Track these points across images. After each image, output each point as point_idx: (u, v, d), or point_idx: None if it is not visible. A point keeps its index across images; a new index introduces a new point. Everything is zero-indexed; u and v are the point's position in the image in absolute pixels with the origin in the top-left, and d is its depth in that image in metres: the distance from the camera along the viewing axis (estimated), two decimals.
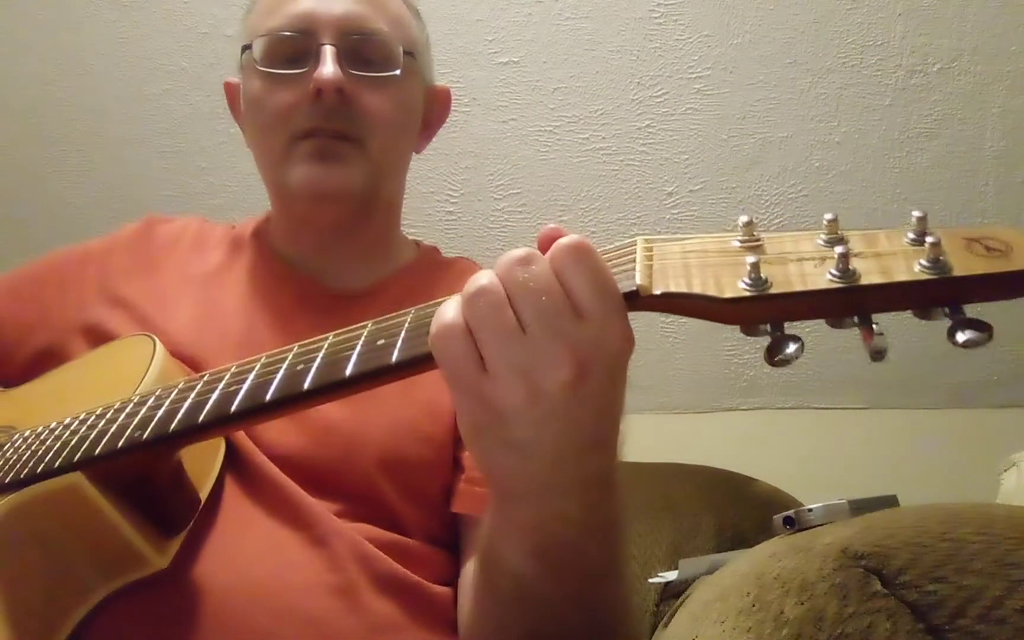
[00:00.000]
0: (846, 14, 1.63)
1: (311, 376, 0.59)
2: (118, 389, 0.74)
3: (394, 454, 0.84)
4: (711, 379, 1.75)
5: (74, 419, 0.73)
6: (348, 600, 0.76)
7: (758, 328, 0.49)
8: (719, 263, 0.50)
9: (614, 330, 0.52)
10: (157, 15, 1.80)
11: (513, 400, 0.52)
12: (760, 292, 0.48)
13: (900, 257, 0.47)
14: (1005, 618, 0.48)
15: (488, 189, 1.74)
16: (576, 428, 0.54)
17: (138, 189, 1.84)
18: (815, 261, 0.48)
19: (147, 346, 0.81)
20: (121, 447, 0.66)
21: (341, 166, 0.92)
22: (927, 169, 1.65)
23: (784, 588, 0.54)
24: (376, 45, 0.94)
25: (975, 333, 0.45)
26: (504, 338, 0.51)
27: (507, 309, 0.51)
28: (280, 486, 0.80)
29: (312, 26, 0.92)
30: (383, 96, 0.94)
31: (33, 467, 0.69)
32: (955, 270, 0.45)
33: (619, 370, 0.55)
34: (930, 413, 1.68)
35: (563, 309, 0.51)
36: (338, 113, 0.91)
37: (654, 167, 1.71)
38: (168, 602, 0.71)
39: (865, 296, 0.47)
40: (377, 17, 0.95)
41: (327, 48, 0.91)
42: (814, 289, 0.47)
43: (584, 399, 0.52)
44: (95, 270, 0.99)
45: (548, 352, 0.51)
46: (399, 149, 0.99)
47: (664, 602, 1.20)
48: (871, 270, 0.46)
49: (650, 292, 0.51)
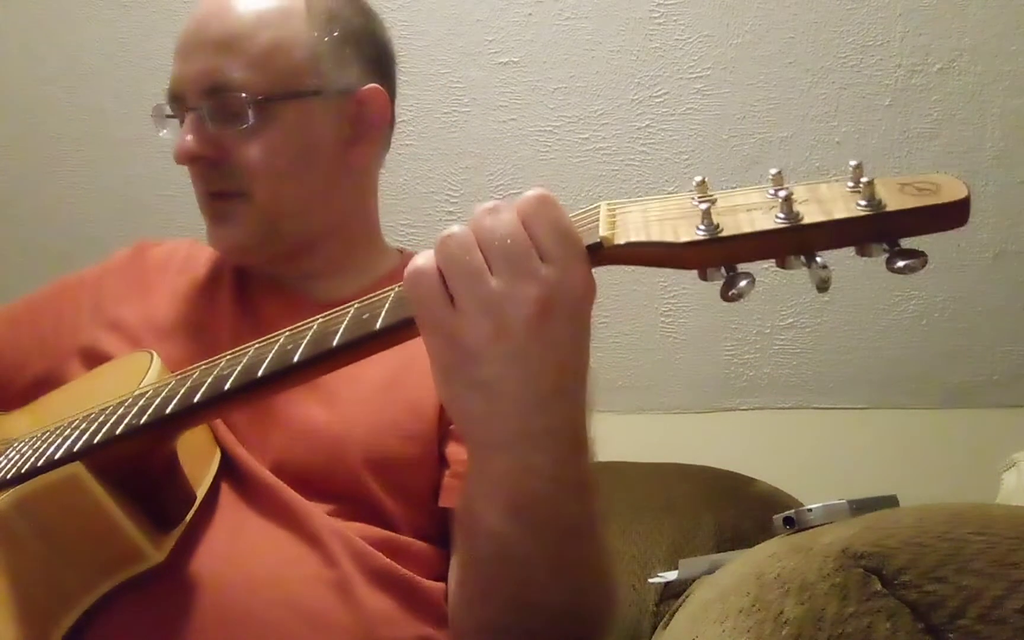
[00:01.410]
0: (846, 14, 1.63)
1: (301, 351, 0.64)
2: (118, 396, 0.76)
3: (379, 453, 0.86)
4: (711, 379, 1.75)
5: (75, 417, 0.75)
6: (343, 594, 0.78)
7: (714, 272, 0.54)
8: (676, 216, 0.55)
9: (576, 273, 0.56)
10: (157, 15, 1.80)
11: (479, 336, 0.56)
12: (712, 235, 0.52)
13: (840, 200, 0.52)
14: (1005, 618, 0.48)
15: (488, 189, 1.74)
16: (540, 368, 0.57)
17: (138, 189, 1.83)
18: (763, 209, 0.53)
19: (144, 359, 0.83)
20: (120, 433, 0.69)
21: (230, 225, 0.94)
22: (927, 169, 1.64)
23: (784, 588, 0.54)
24: (229, 100, 0.91)
25: (910, 260, 0.50)
26: (472, 277, 0.56)
27: (475, 251, 0.56)
28: (273, 489, 0.82)
29: (180, 91, 0.94)
30: (255, 146, 0.92)
31: (35, 461, 0.72)
32: (889, 206, 0.50)
33: (582, 315, 0.58)
34: (930, 413, 1.68)
35: (527, 251, 0.56)
36: (213, 174, 0.93)
37: (654, 167, 1.71)
38: (168, 595, 0.73)
39: (808, 234, 0.51)
40: (233, 65, 0.91)
41: (188, 116, 0.93)
42: (762, 230, 0.52)
43: (547, 339, 0.56)
44: (89, 295, 1.02)
45: (513, 290, 0.55)
46: (297, 184, 0.95)
47: (664, 602, 1.20)
48: (814, 212, 0.51)
49: (612, 243, 0.56)
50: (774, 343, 1.72)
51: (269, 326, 0.93)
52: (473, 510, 0.66)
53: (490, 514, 0.64)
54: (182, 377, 0.71)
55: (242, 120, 0.91)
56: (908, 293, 1.65)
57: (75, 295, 1.03)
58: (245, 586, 0.75)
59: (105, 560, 0.70)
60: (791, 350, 1.72)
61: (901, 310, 1.66)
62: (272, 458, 0.84)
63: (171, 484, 0.73)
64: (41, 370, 0.98)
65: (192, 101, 0.92)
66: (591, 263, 0.57)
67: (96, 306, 1.00)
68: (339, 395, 0.88)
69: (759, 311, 1.71)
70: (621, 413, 1.73)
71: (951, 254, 1.62)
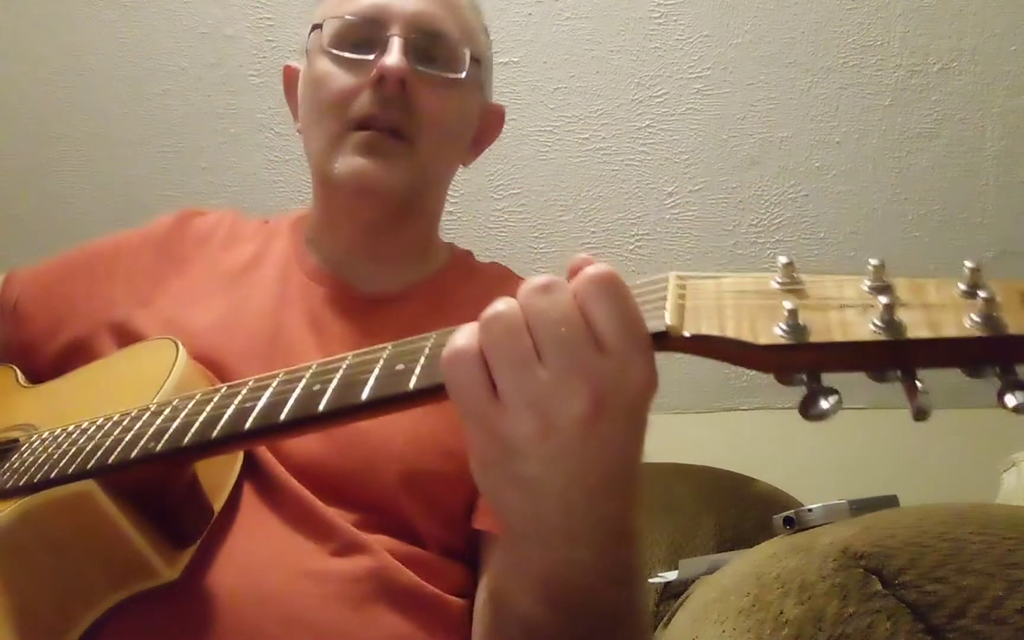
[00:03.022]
0: (846, 14, 1.63)
1: (327, 398, 0.58)
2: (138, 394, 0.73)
3: (416, 467, 0.82)
4: (711, 379, 1.75)
5: (91, 424, 0.72)
6: (363, 613, 0.75)
7: (794, 377, 0.47)
8: (756, 306, 0.47)
9: (637, 369, 0.49)
10: (157, 15, 1.80)
11: (523, 433, 0.50)
12: (797, 341, 0.45)
13: (950, 310, 0.43)
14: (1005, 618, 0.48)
15: (488, 189, 1.74)
16: (589, 469, 0.51)
17: (138, 189, 1.84)
18: (858, 309, 0.45)
19: (170, 351, 0.80)
20: (134, 457, 0.65)
21: (388, 164, 0.91)
22: (927, 169, 1.65)
23: (784, 588, 0.54)
24: (444, 45, 0.94)
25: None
26: (518, 366, 0.49)
27: (524, 336, 0.49)
28: (299, 495, 0.79)
29: (384, 17, 0.93)
30: (442, 98, 0.93)
31: (47, 472, 0.69)
32: (1009, 328, 0.42)
33: (639, 411, 0.52)
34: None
35: (583, 341, 0.49)
36: (396, 105, 0.91)
37: (654, 167, 1.71)
38: (179, 610, 0.71)
39: (910, 350, 0.44)
40: (449, 20, 0.95)
41: (395, 39, 0.91)
42: (856, 341, 0.44)
43: (599, 438, 0.50)
44: (126, 265, 0.99)
45: (564, 385, 0.49)
46: (448, 154, 0.99)
47: (664, 602, 1.20)
48: (918, 322, 0.43)
49: (680, 333, 0.48)
50: None
51: (310, 315, 0.91)
52: (504, 591, 0.63)
53: (523, 599, 0.60)
54: (202, 400, 0.67)
55: (458, 68, 0.94)
56: None
57: (112, 263, 0.99)
58: (259, 601, 0.72)
59: (114, 576, 0.68)
60: None
61: None
62: (301, 459, 0.80)
63: (188, 501, 0.70)
64: (72, 337, 0.95)
65: (401, 31, 0.92)
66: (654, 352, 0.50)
67: (131, 279, 0.97)
68: None
69: None
70: None
71: (951, 254, 1.62)
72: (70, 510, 0.66)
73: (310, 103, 0.97)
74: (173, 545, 0.69)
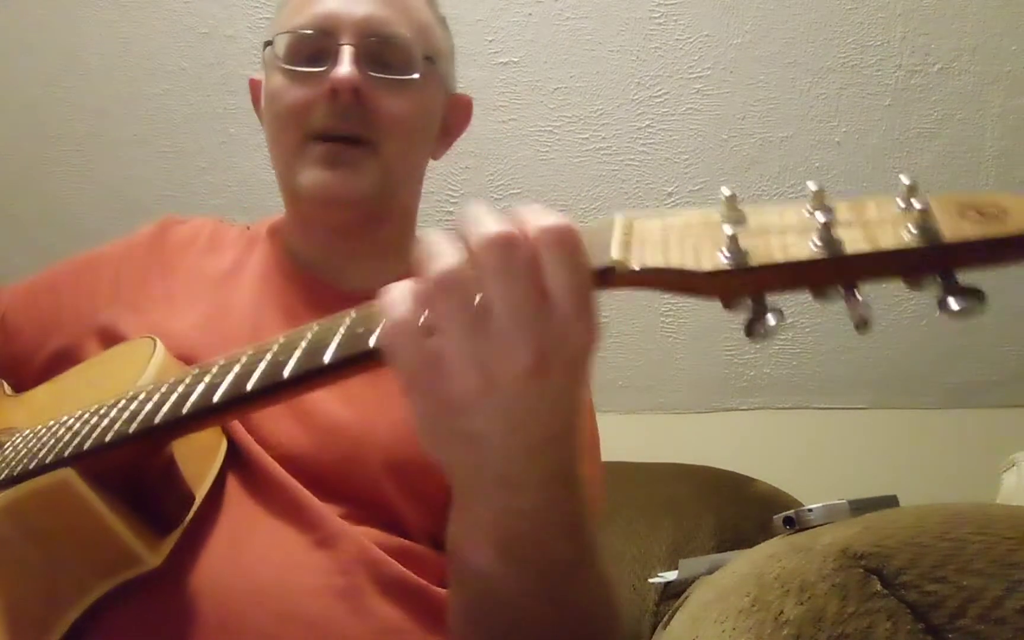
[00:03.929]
0: (846, 14, 1.63)
1: (291, 364, 0.60)
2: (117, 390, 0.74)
3: (400, 457, 0.83)
4: (711, 379, 1.75)
5: (70, 417, 0.73)
6: (353, 604, 0.76)
7: (739, 301, 0.47)
8: (699, 236, 0.48)
9: (582, 325, 0.50)
10: (157, 15, 1.80)
11: (467, 389, 0.50)
12: (739, 264, 0.46)
13: (888, 224, 0.45)
14: (1005, 618, 0.48)
15: (488, 189, 1.74)
16: (530, 421, 0.52)
17: (138, 189, 1.84)
18: (799, 231, 0.46)
19: (148, 347, 0.81)
20: (109, 441, 0.67)
21: (351, 172, 0.92)
22: (927, 169, 1.65)
23: (784, 588, 0.54)
24: (396, 48, 0.94)
25: (966, 301, 0.43)
26: (467, 326, 0.49)
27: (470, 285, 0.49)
28: (285, 487, 0.79)
29: (333, 26, 0.93)
30: (400, 100, 0.93)
31: (27, 464, 0.70)
32: (945, 236, 0.43)
33: (581, 366, 0.53)
34: (930, 413, 1.68)
35: (533, 297, 0.49)
36: (353, 114, 0.91)
37: (654, 167, 1.71)
38: (168, 603, 0.71)
39: (849, 265, 0.45)
40: (399, 21, 0.95)
41: (346, 48, 0.91)
42: (796, 260, 0.45)
43: (541, 392, 0.51)
44: (109, 273, 1.00)
45: (509, 341, 0.49)
46: (414, 154, 0.99)
47: (664, 602, 1.20)
48: (856, 238, 0.44)
49: (627, 267, 0.49)
50: (774, 343, 1.72)
51: (289, 314, 0.92)
52: (459, 549, 0.64)
53: (476, 554, 0.62)
54: (174, 382, 0.69)
55: (412, 69, 0.94)
56: (908, 293, 1.64)
57: (95, 272, 1.01)
58: (247, 594, 0.72)
59: (99, 565, 0.68)
60: (791, 350, 1.72)
61: (901, 310, 1.66)
62: (285, 451, 0.81)
63: (167, 486, 0.71)
64: (59, 347, 0.96)
65: (351, 39, 0.92)
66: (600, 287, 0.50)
67: (116, 284, 0.98)
68: (361, 392, 0.83)
69: None
70: (621, 413, 1.73)
71: None
72: (50, 499, 0.67)
73: (270, 118, 0.98)
74: (155, 532, 0.70)
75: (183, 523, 0.72)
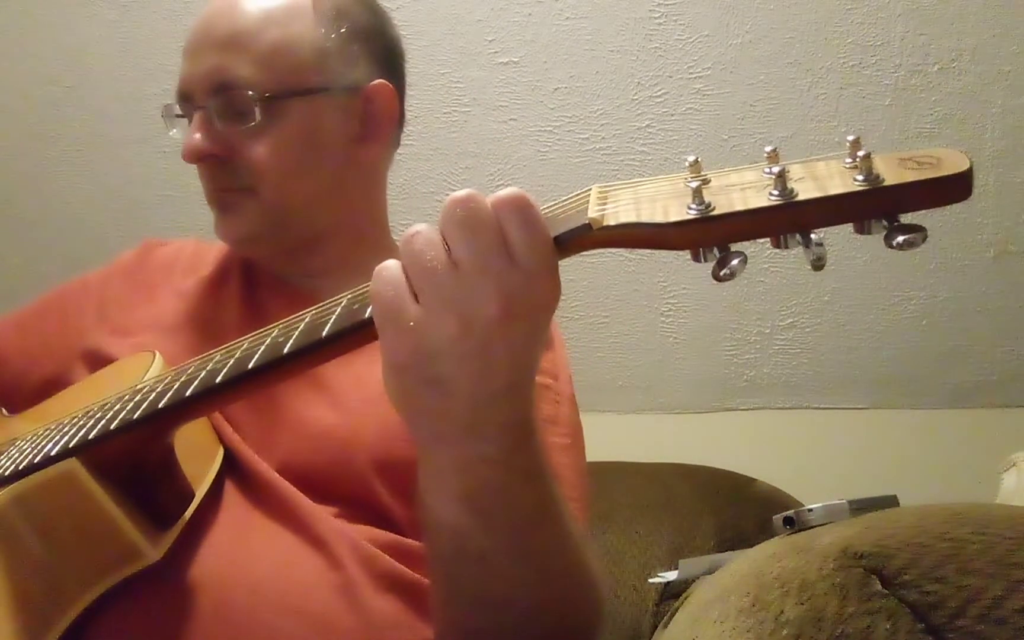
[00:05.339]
0: (846, 14, 1.63)
1: (292, 341, 0.64)
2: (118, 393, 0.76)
3: (387, 456, 0.85)
4: (711, 379, 1.75)
5: (75, 414, 0.75)
6: (348, 598, 0.77)
7: (706, 252, 0.53)
8: (668, 196, 0.54)
9: (543, 280, 0.56)
10: (157, 15, 1.80)
11: (444, 333, 0.55)
12: (703, 214, 0.51)
13: (836, 177, 0.50)
14: (1005, 618, 0.48)
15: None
16: (495, 369, 0.57)
17: (138, 189, 1.84)
18: (757, 187, 0.52)
19: (147, 359, 0.84)
20: (115, 428, 0.69)
21: (235, 216, 0.95)
22: None
23: (784, 588, 0.54)
24: (236, 98, 0.92)
25: (910, 235, 0.49)
26: (436, 269, 0.55)
27: (441, 244, 0.55)
28: (279, 490, 0.82)
29: (188, 90, 0.95)
30: (262, 143, 0.92)
31: (32, 458, 0.72)
32: (887, 180, 0.49)
33: (543, 321, 0.59)
34: (930, 413, 1.68)
35: (497, 249, 0.55)
36: (220, 172, 0.94)
37: (654, 167, 1.71)
38: (168, 596, 0.73)
39: (803, 211, 0.50)
40: (239, 62, 0.92)
41: (196, 115, 0.93)
42: (755, 208, 0.50)
43: (505, 340, 0.56)
44: (93, 298, 1.03)
45: (478, 287, 0.54)
46: (306, 180, 0.96)
47: (664, 602, 1.20)
48: (809, 188, 0.50)
49: (602, 224, 0.55)
50: (774, 343, 1.72)
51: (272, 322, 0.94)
52: (426, 504, 0.66)
53: (442, 506, 0.64)
54: (177, 372, 0.72)
55: (249, 118, 0.92)
56: (908, 293, 1.65)
57: (80, 298, 1.03)
58: (247, 588, 0.74)
59: (102, 558, 0.70)
60: (791, 350, 1.72)
61: (901, 310, 1.66)
62: (278, 459, 0.84)
63: (168, 481, 0.73)
64: (47, 373, 0.98)
65: (200, 100, 0.93)
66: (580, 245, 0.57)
67: (101, 309, 1.01)
68: (347, 397, 0.87)
69: (759, 311, 1.71)
70: (621, 413, 1.73)
71: (951, 254, 1.62)
72: (55, 490, 0.69)
73: None
74: (155, 526, 0.72)
75: (184, 518, 0.74)
